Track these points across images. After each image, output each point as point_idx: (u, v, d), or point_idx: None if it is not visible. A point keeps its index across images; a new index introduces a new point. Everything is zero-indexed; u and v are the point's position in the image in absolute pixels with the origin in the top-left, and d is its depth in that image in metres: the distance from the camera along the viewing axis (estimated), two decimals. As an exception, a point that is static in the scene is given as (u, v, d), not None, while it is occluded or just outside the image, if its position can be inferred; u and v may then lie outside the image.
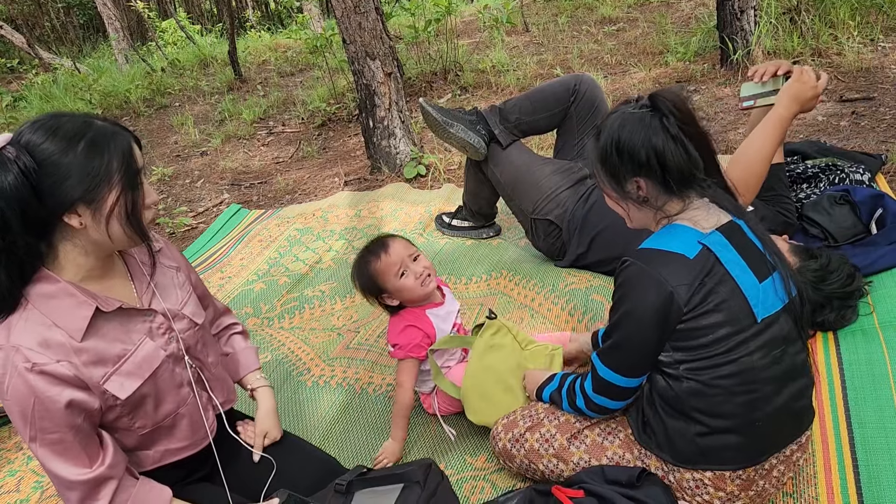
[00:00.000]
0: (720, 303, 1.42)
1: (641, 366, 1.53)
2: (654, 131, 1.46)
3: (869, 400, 1.85)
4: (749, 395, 1.45)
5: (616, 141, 1.50)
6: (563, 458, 1.69)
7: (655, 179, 1.49)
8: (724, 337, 1.43)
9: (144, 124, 6.98)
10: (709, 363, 1.44)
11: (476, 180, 3.07)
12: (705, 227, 1.48)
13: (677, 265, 1.43)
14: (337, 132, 5.53)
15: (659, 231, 1.53)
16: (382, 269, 2.01)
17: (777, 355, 1.46)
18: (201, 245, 3.87)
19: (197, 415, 1.59)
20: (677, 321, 1.44)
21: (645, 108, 1.49)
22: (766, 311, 1.46)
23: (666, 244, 1.47)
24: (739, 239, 1.49)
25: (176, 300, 1.58)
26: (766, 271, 1.48)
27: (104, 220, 1.32)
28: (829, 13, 4.78)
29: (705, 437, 1.48)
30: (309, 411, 2.35)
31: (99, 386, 1.37)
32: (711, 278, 1.42)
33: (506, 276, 2.85)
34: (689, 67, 4.99)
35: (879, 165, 2.91)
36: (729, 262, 1.44)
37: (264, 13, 16.30)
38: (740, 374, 1.44)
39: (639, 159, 1.48)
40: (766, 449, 1.49)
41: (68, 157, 1.27)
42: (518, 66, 5.98)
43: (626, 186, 1.54)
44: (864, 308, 2.14)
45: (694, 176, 1.49)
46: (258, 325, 2.92)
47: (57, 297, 1.35)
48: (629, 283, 1.48)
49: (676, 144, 1.45)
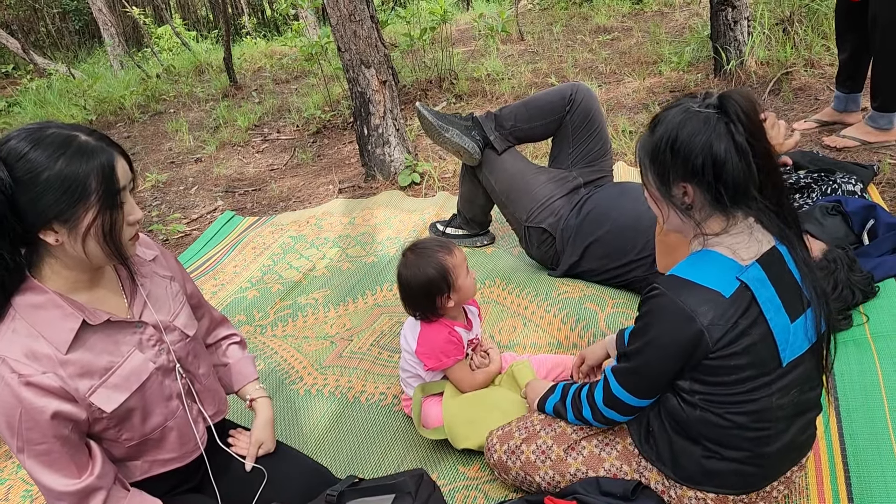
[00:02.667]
0: (749, 346, 1.35)
1: (657, 389, 1.49)
2: (718, 136, 1.32)
3: (861, 411, 1.85)
4: (761, 432, 1.42)
5: (673, 139, 1.36)
6: (560, 469, 1.67)
7: (706, 189, 1.36)
8: (747, 378, 1.37)
9: (139, 130, 6.97)
10: (727, 399, 1.40)
11: (471, 187, 3.07)
12: (745, 257, 1.37)
13: (712, 304, 1.33)
14: (332, 139, 5.53)
15: (693, 256, 1.43)
16: (458, 264, 1.98)
17: (795, 395, 1.42)
18: (194, 252, 3.85)
19: (186, 427, 1.58)
20: (703, 357, 1.37)
21: (712, 108, 1.34)
22: (793, 353, 1.39)
23: (701, 277, 1.36)
24: (778, 271, 1.38)
25: (168, 311, 1.57)
26: (800, 308, 1.40)
27: (80, 238, 1.31)
28: (822, 24, 4.81)
29: (711, 461, 1.46)
30: (301, 420, 2.34)
31: (85, 398, 1.36)
32: (745, 319, 1.34)
33: (499, 284, 2.84)
34: (682, 77, 5.01)
35: (871, 176, 2.93)
36: (765, 302, 1.35)
37: (260, 20, 16.33)
38: (757, 413, 1.40)
39: (694, 164, 1.34)
40: (771, 476, 1.49)
41: (46, 173, 1.25)
42: (513, 74, 5.99)
43: (672, 189, 1.41)
44: (857, 318, 2.15)
45: (748, 194, 1.35)
46: (251, 333, 2.91)
47: (44, 307, 1.34)
48: (658, 313, 1.39)
49: (740, 156, 1.31)
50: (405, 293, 2.02)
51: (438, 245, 2.01)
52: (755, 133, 1.32)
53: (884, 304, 2.16)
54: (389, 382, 2.41)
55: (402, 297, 2.04)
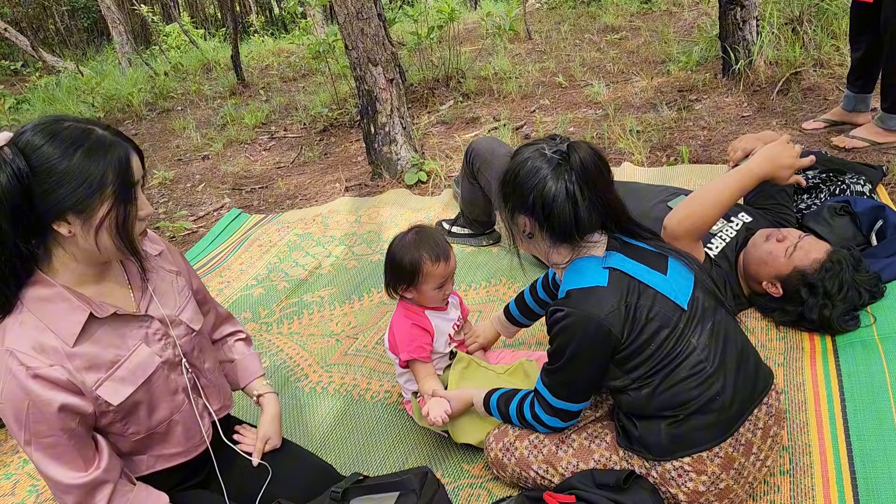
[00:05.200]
0: (649, 311, 1.49)
1: (592, 390, 1.65)
2: (553, 179, 1.48)
3: (868, 412, 1.84)
4: (700, 375, 1.51)
5: (515, 173, 1.53)
6: (553, 462, 1.71)
7: (540, 224, 1.54)
8: (665, 339, 1.50)
9: (146, 128, 6.99)
10: (658, 367, 1.51)
11: (470, 189, 3.07)
12: (599, 251, 1.56)
13: (598, 298, 1.49)
14: (338, 137, 5.53)
15: (569, 270, 1.58)
16: (435, 273, 1.95)
17: (710, 328, 1.54)
18: (201, 249, 3.86)
19: (192, 422, 1.58)
20: (620, 347, 1.50)
21: (558, 154, 1.50)
22: (686, 295, 1.55)
23: (580, 281, 1.52)
24: (626, 247, 1.57)
25: (174, 306, 1.57)
26: (663, 261, 1.58)
27: (93, 230, 1.31)
28: (832, 24, 4.79)
29: (673, 426, 1.53)
30: (306, 418, 2.34)
31: (92, 391, 1.37)
32: (631, 295, 1.49)
33: (504, 283, 2.84)
34: (690, 76, 5.00)
35: (880, 176, 2.91)
36: (636, 272, 1.52)
37: (268, 18, 16.36)
38: (686, 360, 1.51)
39: (527, 199, 1.51)
40: (734, 418, 1.54)
41: (63, 164, 1.26)
42: (520, 73, 5.99)
43: (516, 218, 1.59)
44: (864, 319, 2.14)
45: (572, 237, 1.53)
46: (257, 330, 2.91)
47: (52, 300, 1.35)
48: (567, 331, 1.52)
49: (568, 200, 1.47)
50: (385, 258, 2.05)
51: (433, 245, 1.97)
52: (592, 182, 1.48)
53: (892, 305, 2.15)
54: (394, 380, 2.41)
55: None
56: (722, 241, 2.34)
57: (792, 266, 2.14)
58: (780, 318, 2.24)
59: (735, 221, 2.42)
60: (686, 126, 4.17)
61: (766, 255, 2.20)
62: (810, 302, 2.11)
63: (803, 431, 1.86)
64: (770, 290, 2.21)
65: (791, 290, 2.16)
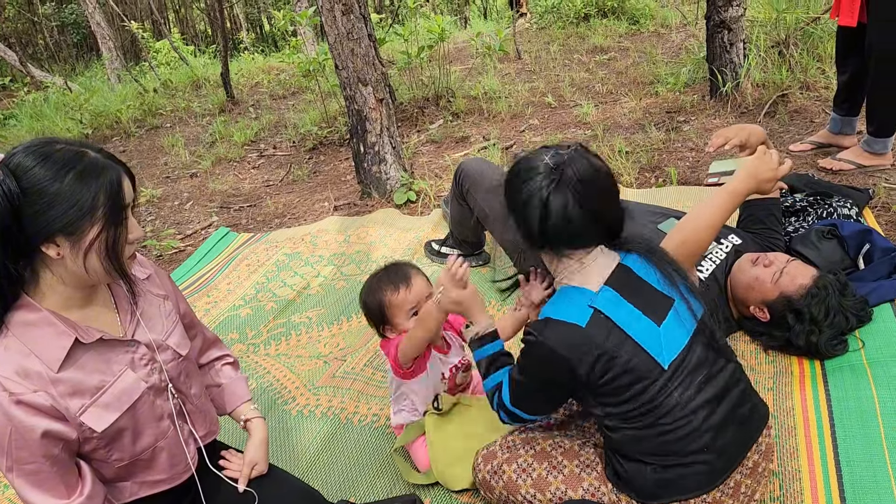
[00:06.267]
0: (625, 363, 1.44)
1: (549, 409, 1.72)
2: (539, 189, 1.46)
3: (857, 437, 1.84)
4: (685, 428, 1.47)
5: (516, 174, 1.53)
6: (541, 488, 1.69)
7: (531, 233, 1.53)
8: (640, 391, 1.46)
9: (135, 145, 6.97)
10: (635, 413, 1.48)
11: (459, 209, 3.06)
12: (596, 282, 1.50)
13: (570, 336, 1.45)
14: (328, 156, 5.53)
15: (558, 293, 1.57)
16: (397, 303, 1.93)
17: (701, 382, 1.49)
18: (188, 269, 3.83)
19: (177, 448, 1.56)
20: (584, 385, 1.48)
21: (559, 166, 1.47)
22: (672, 352, 1.48)
23: (561, 313, 1.49)
24: (630, 284, 1.51)
25: (161, 330, 1.55)
26: (666, 307, 1.51)
27: (82, 253, 1.31)
28: (817, 47, 4.85)
29: (659, 472, 1.51)
30: (293, 441, 2.31)
31: (76, 418, 1.34)
32: (609, 341, 1.44)
33: (494, 305, 2.83)
34: (678, 98, 5.04)
35: (867, 200, 2.93)
36: (623, 320, 1.46)
37: (258, 35, 16.41)
38: (669, 414, 1.47)
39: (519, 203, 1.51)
40: (726, 467, 1.51)
41: (55, 186, 1.25)
42: (510, 93, 6.02)
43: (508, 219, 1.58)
44: (853, 343, 2.14)
45: (561, 251, 1.52)
46: (244, 352, 2.89)
47: (37, 325, 1.33)
48: (532, 356, 1.53)
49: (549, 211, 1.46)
50: None
51: (391, 276, 1.97)
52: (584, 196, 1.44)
53: (880, 329, 2.16)
54: (383, 404, 2.39)
55: None
56: (712, 264, 2.35)
57: (778, 291, 2.14)
58: (768, 343, 2.25)
59: (725, 244, 2.42)
60: (674, 147, 4.20)
61: (752, 280, 2.20)
62: (797, 328, 2.12)
63: (793, 457, 1.85)
64: (757, 315, 2.22)
65: (778, 316, 2.16)
